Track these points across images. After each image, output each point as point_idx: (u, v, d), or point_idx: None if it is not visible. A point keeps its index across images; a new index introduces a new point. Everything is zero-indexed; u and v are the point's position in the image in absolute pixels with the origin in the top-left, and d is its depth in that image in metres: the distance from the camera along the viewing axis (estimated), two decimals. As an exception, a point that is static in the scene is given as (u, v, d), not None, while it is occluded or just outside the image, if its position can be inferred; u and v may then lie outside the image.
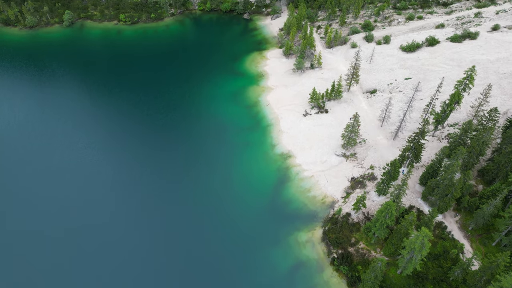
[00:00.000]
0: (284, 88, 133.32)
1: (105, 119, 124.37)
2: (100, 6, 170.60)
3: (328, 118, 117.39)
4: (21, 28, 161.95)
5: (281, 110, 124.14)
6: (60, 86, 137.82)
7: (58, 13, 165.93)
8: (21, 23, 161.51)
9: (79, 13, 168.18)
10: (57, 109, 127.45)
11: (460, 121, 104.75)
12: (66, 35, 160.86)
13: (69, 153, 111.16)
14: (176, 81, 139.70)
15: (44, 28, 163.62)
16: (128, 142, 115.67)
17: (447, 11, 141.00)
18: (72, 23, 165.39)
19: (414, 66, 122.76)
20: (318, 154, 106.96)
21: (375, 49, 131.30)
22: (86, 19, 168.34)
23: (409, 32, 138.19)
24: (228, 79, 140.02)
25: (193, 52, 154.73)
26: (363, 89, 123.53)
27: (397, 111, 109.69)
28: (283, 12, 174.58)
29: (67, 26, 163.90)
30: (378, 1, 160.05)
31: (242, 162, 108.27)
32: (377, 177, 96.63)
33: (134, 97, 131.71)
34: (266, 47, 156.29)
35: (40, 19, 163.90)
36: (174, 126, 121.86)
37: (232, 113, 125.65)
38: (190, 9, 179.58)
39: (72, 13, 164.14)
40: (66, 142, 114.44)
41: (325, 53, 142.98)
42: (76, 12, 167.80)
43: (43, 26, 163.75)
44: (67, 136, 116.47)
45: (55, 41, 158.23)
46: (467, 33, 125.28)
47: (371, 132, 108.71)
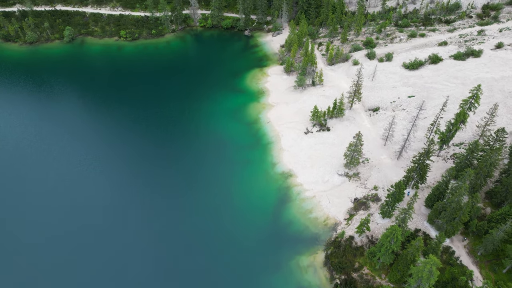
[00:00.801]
0: (285, 105, 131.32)
1: (104, 135, 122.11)
2: (101, 23, 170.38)
3: (330, 136, 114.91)
4: (21, 44, 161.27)
5: (282, 128, 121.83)
6: (59, 102, 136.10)
7: (59, 29, 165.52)
8: (21, 39, 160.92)
9: (80, 29, 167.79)
10: (55, 124, 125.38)
11: (465, 140, 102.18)
12: (66, 51, 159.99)
13: (67, 169, 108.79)
14: (176, 97, 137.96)
15: (44, 44, 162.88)
16: (126, 158, 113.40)
17: (450, 28, 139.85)
18: (73, 39, 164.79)
19: (417, 84, 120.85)
20: (320, 173, 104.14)
21: (377, 66, 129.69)
22: (86, 35, 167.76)
23: (411, 50, 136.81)
24: (228, 96, 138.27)
25: (193, 68, 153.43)
26: (366, 107, 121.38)
27: (400, 129, 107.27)
28: (284, 29, 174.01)
29: (67, 42, 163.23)
30: (379, 18, 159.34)
31: (242, 181, 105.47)
32: (381, 198, 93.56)
33: (134, 113, 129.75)
34: (267, 64, 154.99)
35: (41, 35, 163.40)
36: (173, 142, 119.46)
37: (232, 130, 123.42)
38: (191, 25, 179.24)
39: (72, 29, 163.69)
40: (64, 158, 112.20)
41: (327, 70, 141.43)
42: (76, 28, 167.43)
43: (43, 42, 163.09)
44: (65, 152, 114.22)
45: (55, 56, 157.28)
46: (471, 51, 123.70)
47: (374, 151, 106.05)
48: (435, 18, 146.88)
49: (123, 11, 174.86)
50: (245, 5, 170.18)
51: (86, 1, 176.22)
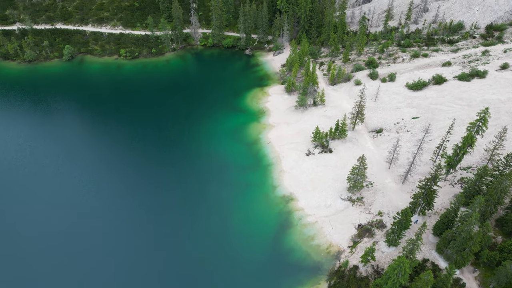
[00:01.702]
0: (286, 126, 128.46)
1: (101, 155, 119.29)
2: (101, 41, 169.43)
3: (332, 158, 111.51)
4: (20, 62, 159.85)
5: (283, 149, 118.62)
6: (55, 120, 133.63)
7: (58, 48, 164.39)
8: (20, 57, 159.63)
9: (80, 48, 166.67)
10: (52, 143, 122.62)
11: (473, 164, 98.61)
12: (65, 69, 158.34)
13: (63, 191, 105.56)
14: (175, 116, 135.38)
15: (43, 62, 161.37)
16: (124, 179, 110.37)
17: (453, 49, 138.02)
18: (72, 57, 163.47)
19: (421, 105, 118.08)
20: (322, 197, 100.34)
21: (380, 86, 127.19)
22: (86, 53, 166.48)
23: (414, 70, 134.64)
24: (228, 115, 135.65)
25: (193, 87, 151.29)
26: (369, 128, 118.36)
27: (405, 152, 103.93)
28: (285, 48, 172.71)
29: (66, 60, 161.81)
30: (381, 38, 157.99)
31: (242, 205, 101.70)
32: (386, 225, 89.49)
33: (132, 132, 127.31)
34: (267, 83, 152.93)
35: (40, 53, 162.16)
36: (172, 163, 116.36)
37: (232, 151, 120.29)
38: (192, 44, 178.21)
39: (72, 48, 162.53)
40: (59, 179, 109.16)
41: (328, 90, 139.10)
42: (76, 47, 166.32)
43: (42, 60, 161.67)
44: (60, 173, 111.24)
45: (53, 75, 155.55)
46: (476, 72, 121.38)
47: (379, 174, 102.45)
48: (438, 38, 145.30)
49: (123, 30, 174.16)
50: (246, 24, 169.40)
51: (87, 20, 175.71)
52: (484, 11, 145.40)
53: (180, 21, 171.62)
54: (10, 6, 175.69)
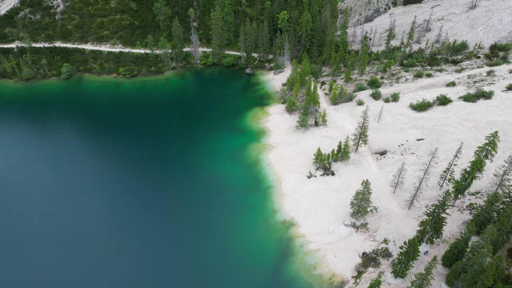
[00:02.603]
0: (287, 146, 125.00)
1: (97, 176, 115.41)
2: (100, 60, 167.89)
3: (334, 181, 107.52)
4: (17, 80, 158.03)
5: (284, 171, 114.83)
6: (50, 140, 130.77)
7: (57, 66, 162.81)
8: (18, 76, 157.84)
9: (78, 66, 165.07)
10: (47, 164, 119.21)
11: (482, 189, 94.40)
12: (63, 88, 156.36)
13: (54, 215, 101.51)
14: (173, 136, 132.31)
15: (40, 80, 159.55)
16: (118, 199, 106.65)
17: (457, 69, 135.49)
18: (70, 75, 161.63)
19: (426, 126, 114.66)
20: (325, 223, 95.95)
21: (383, 107, 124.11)
22: (85, 72, 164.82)
23: (418, 90, 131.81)
24: (228, 136, 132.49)
25: (193, 107, 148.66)
26: (372, 150, 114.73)
27: (410, 176, 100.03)
28: (286, 67, 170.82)
29: (64, 78, 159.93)
30: (384, 57, 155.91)
31: (240, 230, 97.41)
32: (392, 254, 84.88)
33: (129, 152, 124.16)
34: (268, 103, 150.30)
35: (37, 71, 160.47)
36: (167, 184, 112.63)
37: (231, 173, 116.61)
38: (192, 63, 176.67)
39: (70, 66, 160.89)
40: (52, 202, 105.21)
41: (330, 110, 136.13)
42: (75, 65, 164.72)
43: (40, 78, 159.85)
44: (54, 195, 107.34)
45: (51, 93, 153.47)
46: (481, 93, 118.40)
47: (383, 199, 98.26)
48: (441, 58, 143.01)
49: (123, 49, 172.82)
50: (247, 43, 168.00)
51: (86, 39, 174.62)
52: (488, 31, 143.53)
53: (180, 39, 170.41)
54: (9, 24, 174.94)
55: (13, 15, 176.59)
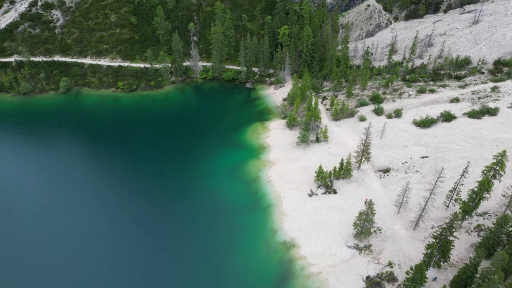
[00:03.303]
0: (288, 163, 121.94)
1: (93, 193, 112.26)
2: (99, 74, 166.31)
3: (337, 200, 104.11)
4: (14, 94, 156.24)
5: (284, 188, 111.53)
6: (44, 154, 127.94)
7: (55, 80, 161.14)
8: (15, 90, 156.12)
9: (77, 80, 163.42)
10: (41, 180, 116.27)
11: (490, 209, 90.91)
12: (60, 102, 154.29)
13: (49, 235, 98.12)
14: (171, 151, 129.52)
15: (38, 95, 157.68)
16: (113, 219, 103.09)
17: (461, 84, 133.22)
18: (68, 90, 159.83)
19: (430, 143, 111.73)
20: (327, 244, 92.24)
21: (386, 123, 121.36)
22: (83, 86, 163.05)
23: (421, 106, 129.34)
24: (227, 151, 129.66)
25: (192, 121, 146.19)
26: (375, 167, 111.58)
27: (415, 195, 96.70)
28: (287, 82, 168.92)
29: (62, 93, 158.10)
30: (386, 72, 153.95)
31: (239, 251, 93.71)
32: (397, 278, 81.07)
33: (126, 169, 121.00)
34: (268, 118, 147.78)
35: (35, 85, 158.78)
36: (164, 201, 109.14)
37: (230, 190, 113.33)
38: (192, 77, 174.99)
39: (69, 80, 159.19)
40: (46, 221, 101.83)
41: (332, 125, 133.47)
42: (73, 79, 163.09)
43: (38, 93, 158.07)
44: (47, 213, 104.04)
45: (48, 107, 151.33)
46: (486, 109, 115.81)
47: (387, 219, 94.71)
48: (444, 73, 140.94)
49: (122, 63, 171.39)
50: (247, 57, 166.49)
51: (86, 53, 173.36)
52: (491, 46, 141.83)
53: (180, 54, 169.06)
54: (8, 38, 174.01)
55: (13, 29, 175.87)
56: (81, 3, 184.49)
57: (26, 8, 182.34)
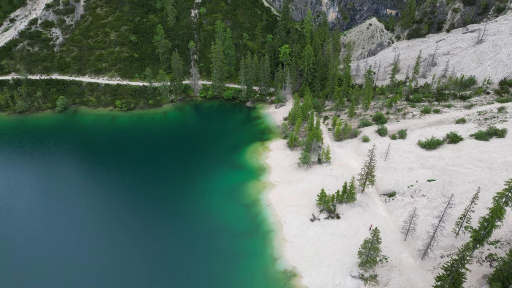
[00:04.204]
0: (288, 185, 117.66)
1: (86, 215, 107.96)
2: (97, 92, 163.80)
3: (340, 225, 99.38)
4: (10, 113, 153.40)
5: (285, 212, 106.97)
6: (38, 174, 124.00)
7: (52, 98, 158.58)
8: (11, 108, 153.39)
9: (74, 99, 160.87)
10: (33, 201, 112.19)
11: (502, 237, 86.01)
12: (56, 121, 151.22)
13: (45, 252, 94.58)
14: (168, 172, 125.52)
15: (34, 113, 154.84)
16: (103, 245, 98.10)
17: (467, 105, 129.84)
18: (65, 108, 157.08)
19: (437, 166, 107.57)
20: (330, 273, 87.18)
21: (390, 144, 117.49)
22: (80, 104, 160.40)
23: (426, 127, 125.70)
24: (226, 172, 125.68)
25: (190, 141, 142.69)
26: (380, 191, 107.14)
27: (422, 221, 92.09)
28: (287, 101, 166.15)
29: (59, 111, 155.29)
30: (389, 92, 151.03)
31: (236, 279, 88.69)
32: (406, 312, 75.71)
33: (121, 190, 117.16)
34: (269, 137, 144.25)
35: (32, 104, 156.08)
36: (160, 225, 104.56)
37: (228, 213, 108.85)
38: (191, 95, 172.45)
39: (66, 99, 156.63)
40: (38, 247, 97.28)
41: (334, 146, 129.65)
42: (71, 98, 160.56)
43: (34, 111, 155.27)
44: (41, 236, 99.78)
45: (43, 126, 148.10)
46: (494, 130, 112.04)
47: (394, 247, 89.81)
48: (449, 93, 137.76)
49: (121, 81, 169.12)
50: (248, 76, 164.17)
51: (84, 71, 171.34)
52: (496, 66, 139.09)
53: (180, 72, 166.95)
54: (7, 56, 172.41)
55: (11, 47, 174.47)
56: (81, 22, 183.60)
57: (25, 26, 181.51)
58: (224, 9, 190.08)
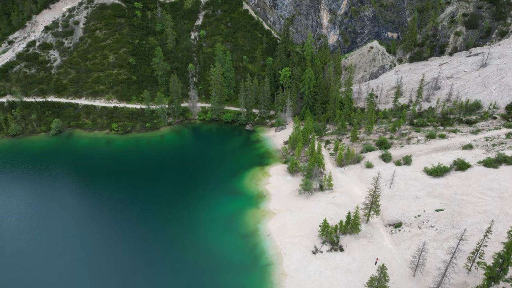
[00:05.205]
0: (289, 214, 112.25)
1: (76, 247, 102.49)
2: (93, 115, 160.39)
3: (344, 259, 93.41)
4: (3, 136, 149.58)
5: (285, 243, 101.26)
6: (26, 201, 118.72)
7: (47, 121, 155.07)
8: (4, 131, 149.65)
9: (70, 122, 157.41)
10: (20, 229, 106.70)
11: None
12: (50, 144, 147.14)
13: None
14: (162, 199, 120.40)
15: (28, 136, 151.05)
16: (91, 280, 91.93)
17: (473, 130, 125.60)
18: (60, 131, 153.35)
19: (444, 194, 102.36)
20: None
21: (395, 171, 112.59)
22: (76, 127, 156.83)
23: (432, 153, 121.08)
24: (224, 199, 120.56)
25: (187, 166, 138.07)
26: (385, 221, 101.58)
27: (432, 254, 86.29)
28: (288, 124, 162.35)
29: (53, 134, 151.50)
30: (392, 116, 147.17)
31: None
32: None
33: (111, 219, 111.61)
34: (268, 162, 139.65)
35: (25, 127, 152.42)
36: (153, 255, 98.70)
37: (225, 244, 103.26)
38: (190, 118, 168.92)
39: (61, 121, 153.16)
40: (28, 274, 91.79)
41: (336, 172, 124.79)
42: (66, 120, 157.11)
43: (28, 134, 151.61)
44: (28, 267, 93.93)
45: (36, 150, 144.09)
46: (503, 157, 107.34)
47: (402, 284, 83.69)
48: (454, 118, 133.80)
49: (118, 103, 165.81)
50: (247, 99, 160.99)
51: (81, 93, 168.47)
52: (502, 90, 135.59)
53: (178, 95, 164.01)
54: (3, 78, 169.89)
55: (8, 69, 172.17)
56: (80, 44, 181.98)
57: (23, 48, 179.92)
58: (224, 32, 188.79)
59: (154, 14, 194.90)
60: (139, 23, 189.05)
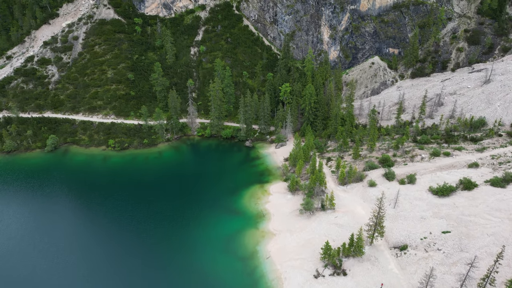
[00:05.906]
0: (290, 235, 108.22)
1: (68, 268, 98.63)
2: (90, 131, 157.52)
3: (347, 284, 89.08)
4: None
5: (285, 267, 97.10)
6: (19, 221, 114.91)
7: (42, 137, 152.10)
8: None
9: (66, 138, 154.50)
10: (10, 249, 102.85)
11: (532, 303, 75.76)
12: (45, 161, 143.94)
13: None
14: (158, 218, 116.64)
15: (23, 153, 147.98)
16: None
17: (478, 147, 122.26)
18: (56, 148, 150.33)
19: (451, 215, 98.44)
20: None
21: (399, 190, 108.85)
22: (72, 143, 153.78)
23: (436, 171, 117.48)
24: (222, 219, 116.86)
25: (185, 183, 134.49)
26: (390, 243, 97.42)
27: (440, 280, 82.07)
28: (288, 140, 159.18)
29: (49, 151, 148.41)
30: (394, 132, 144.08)
31: None
32: None
33: (105, 239, 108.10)
34: (268, 179, 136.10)
35: (21, 143, 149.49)
36: (146, 278, 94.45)
37: (221, 267, 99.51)
38: (188, 134, 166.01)
39: (57, 138, 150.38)
40: None
41: (338, 191, 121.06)
42: (62, 137, 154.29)
43: (23, 151, 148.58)
44: None
45: (30, 167, 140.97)
46: (510, 176, 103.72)
47: (409, 312, 79.36)
48: (458, 135, 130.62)
49: (115, 119, 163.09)
50: (247, 115, 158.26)
51: (78, 109, 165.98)
52: (507, 106, 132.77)
53: (177, 110, 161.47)
54: (0, 93, 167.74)
55: (5, 84, 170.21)
56: (79, 59, 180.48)
57: (21, 63, 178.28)
58: (224, 48, 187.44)
59: (154, 29, 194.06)
60: (138, 38, 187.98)
